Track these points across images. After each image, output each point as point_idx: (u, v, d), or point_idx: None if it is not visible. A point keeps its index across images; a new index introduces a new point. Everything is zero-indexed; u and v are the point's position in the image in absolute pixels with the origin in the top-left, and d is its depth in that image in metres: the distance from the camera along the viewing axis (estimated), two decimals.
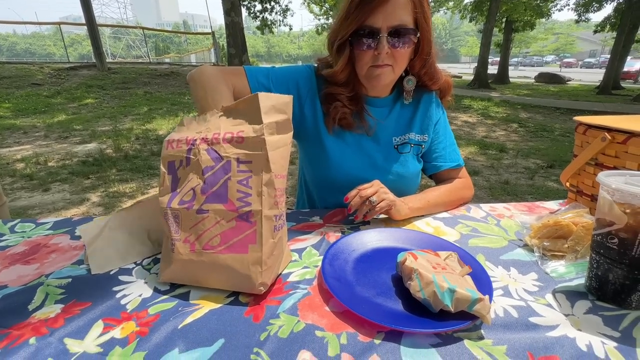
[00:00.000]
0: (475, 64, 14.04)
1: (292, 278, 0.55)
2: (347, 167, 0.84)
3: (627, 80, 16.77)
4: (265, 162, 0.48)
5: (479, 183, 3.35)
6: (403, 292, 0.49)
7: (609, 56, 12.07)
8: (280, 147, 0.50)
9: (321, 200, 0.94)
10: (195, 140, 0.50)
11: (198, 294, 0.51)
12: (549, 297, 0.50)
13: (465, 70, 25.65)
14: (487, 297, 0.42)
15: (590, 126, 0.69)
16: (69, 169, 3.60)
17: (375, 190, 0.70)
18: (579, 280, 0.53)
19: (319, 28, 15.64)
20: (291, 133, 0.53)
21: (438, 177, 0.92)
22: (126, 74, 9.73)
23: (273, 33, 13.87)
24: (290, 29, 14.15)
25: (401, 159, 0.87)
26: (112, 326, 0.45)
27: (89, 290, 0.52)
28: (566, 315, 0.46)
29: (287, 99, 0.51)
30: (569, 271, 0.55)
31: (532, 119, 6.82)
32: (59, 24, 13.00)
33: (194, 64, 15.02)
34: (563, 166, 3.46)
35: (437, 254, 0.54)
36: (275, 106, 0.50)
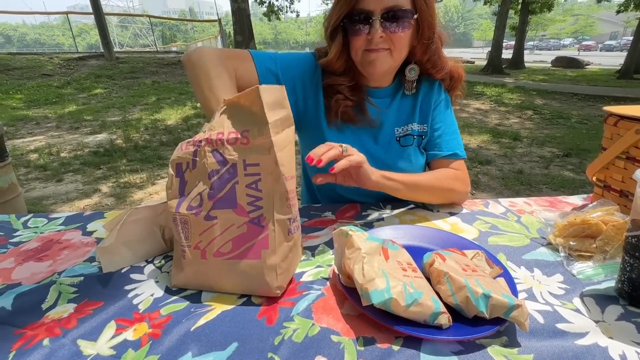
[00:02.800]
0: (489, 49, 13.57)
1: (305, 278, 0.54)
2: None
3: None
4: (274, 165, 0.45)
5: (491, 172, 3.27)
6: None
7: (631, 38, 11.51)
8: (287, 146, 0.47)
9: (321, 194, 0.92)
10: (201, 141, 0.48)
11: (210, 294, 0.50)
12: (577, 302, 0.47)
13: (478, 55, 24.88)
14: (523, 302, 0.40)
15: (622, 117, 0.64)
16: (81, 159, 3.66)
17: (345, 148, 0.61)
18: (609, 283, 0.50)
19: (327, 13, 15.27)
20: (293, 127, 0.50)
21: (431, 167, 0.86)
22: (134, 63, 9.73)
23: (280, 19, 13.63)
24: (297, 15, 13.89)
25: (402, 152, 0.82)
26: (125, 327, 0.44)
27: (101, 289, 0.52)
28: (596, 322, 0.43)
29: (284, 91, 0.48)
30: (597, 273, 0.52)
31: (548, 105, 6.60)
32: (67, 13, 13.03)
33: None
34: (580, 155, 3.34)
35: (463, 253, 0.52)
36: (277, 101, 0.46)
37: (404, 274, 0.44)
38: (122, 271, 0.56)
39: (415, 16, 0.69)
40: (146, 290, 0.51)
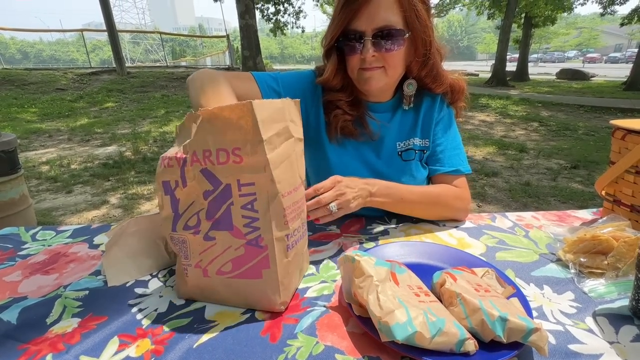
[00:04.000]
0: (493, 61, 13.65)
1: (309, 293, 0.53)
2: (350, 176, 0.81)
3: None
4: (270, 183, 0.43)
5: (498, 184, 3.24)
6: None
7: (636, 50, 11.49)
8: (284, 161, 0.45)
9: None
10: (185, 158, 0.44)
11: (214, 309, 0.50)
12: (590, 321, 0.45)
13: (482, 67, 25.06)
14: (541, 325, 0.38)
15: (630, 131, 0.64)
16: (91, 171, 3.72)
17: (335, 195, 0.61)
18: (622, 302, 0.49)
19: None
20: (292, 139, 0.47)
21: (433, 183, 0.85)
22: (144, 77, 9.99)
23: (286, 35, 13.94)
24: (303, 30, 14.20)
25: (405, 166, 0.82)
26: (128, 343, 0.44)
27: (105, 304, 0.52)
28: (610, 343, 0.42)
29: (279, 104, 0.46)
30: (610, 291, 0.51)
31: (553, 117, 6.56)
32: (82, 30, 13.49)
33: (210, 66, 15.29)
34: (588, 167, 3.30)
35: (473, 271, 0.50)
36: (272, 115, 0.43)
37: (418, 300, 0.43)
38: (127, 285, 0.56)
39: (407, 35, 0.70)
40: (150, 305, 0.51)
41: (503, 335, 0.38)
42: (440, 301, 0.46)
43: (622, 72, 16.32)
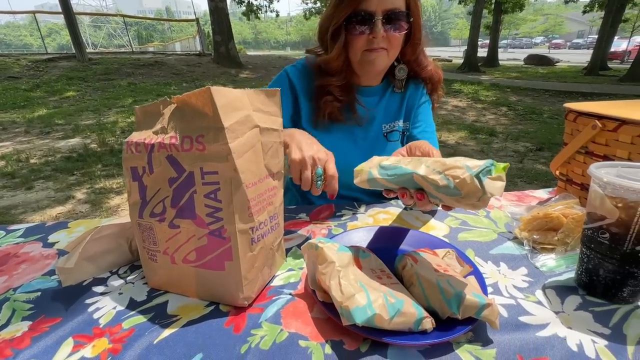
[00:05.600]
0: (466, 47, 13.93)
1: (276, 282, 0.53)
2: (338, 161, 0.82)
3: (614, 61, 16.89)
4: (234, 173, 0.42)
5: None
6: None
7: (596, 36, 12.09)
8: (248, 151, 0.43)
9: (300, 193, 0.93)
10: (153, 145, 0.44)
11: (176, 303, 0.49)
12: (539, 294, 0.48)
13: (455, 53, 25.48)
14: (493, 300, 0.40)
15: (580, 113, 0.67)
16: (52, 165, 3.49)
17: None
18: (569, 274, 0.52)
19: (307, 12, 15.27)
20: (257, 129, 0.45)
21: None
22: (108, 64, 9.40)
23: (259, 19, 13.49)
24: (277, 14, 13.80)
25: (389, 147, 0.86)
26: (83, 344, 0.42)
27: (59, 305, 0.49)
28: (556, 313, 0.45)
29: (238, 93, 0.44)
30: (559, 265, 0.54)
31: (521, 101, 6.84)
32: (34, 12, 12.42)
33: (179, 52, 14.55)
34: (552, 149, 3.47)
35: (434, 252, 0.52)
36: (232, 103, 0.42)
37: (380, 283, 0.44)
38: (84, 284, 0.54)
39: (412, 18, 0.73)
40: (108, 304, 0.49)
41: (458, 312, 0.40)
42: (402, 282, 0.47)
43: (584, 57, 17.16)
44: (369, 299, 0.39)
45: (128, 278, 0.55)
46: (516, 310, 0.45)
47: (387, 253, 0.55)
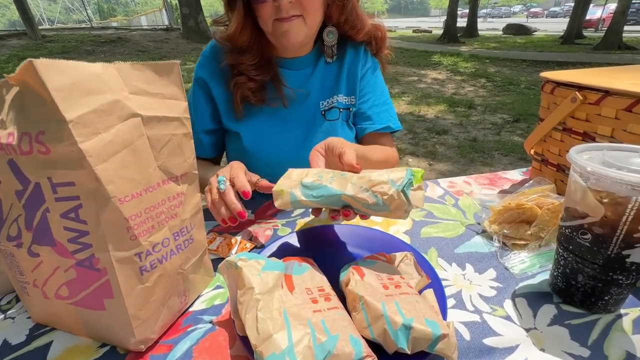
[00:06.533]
0: (445, 17, 13.64)
1: (196, 306, 0.43)
2: (267, 151, 0.71)
3: (589, 29, 17.03)
4: (95, 183, 0.30)
5: (448, 142, 3.32)
6: None
7: (572, 4, 12.06)
8: (120, 152, 0.32)
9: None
10: None
11: (63, 345, 0.38)
12: (508, 305, 0.41)
13: (435, 24, 24.99)
14: (452, 328, 0.32)
15: (558, 84, 0.58)
16: None
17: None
18: (543, 275, 0.45)
19: None
20: (137, 119, 0.33)
21: (363, 143, 0.77)
22: (65, 42, 8.65)
23: None
24: None
25: (328, 127, 0.72)
26: None
27: None
28: (527, 330, 0.37)
29: (100, 69, 0.31)
30: (532, 264, 0.47)
31: (499, 72, 6.79)
32: None
33: (145, 27, 13.52)
34: (528, 120, 3.45)
35: (390, 258, 0.43)
36: (79, 84, 0.29)
37: (314, 309, 0.34)
38: None
39: None
40: None
41: (407, 346, 0.32)
42: (345, 304, 0.38)
43: (560, 26, 17.21)
44: (291, 341, 0.30)
45: (9, 311, 0.44)
46: (481, 329, 0.38)
47: (334, 260, 0.46)
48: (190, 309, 0.43)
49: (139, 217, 0.33)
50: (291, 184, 0.44)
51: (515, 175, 0.76)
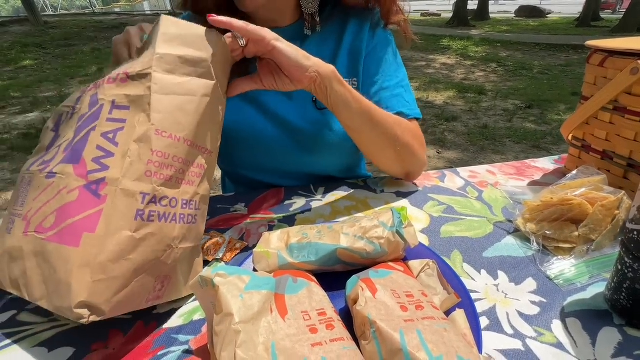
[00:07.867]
0: (455, 0, 13.13)
1: (172, 322, 0.36)
2: (249, 138, 0.60)
3: (606, 11, 16.31)
4: (145, 107, 0.32)
5: (457, 129, 3.19)
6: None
7: None
8: (180, 95, 0.34)
9: (229, 176, 0.74)
10: (93, 84, 0.37)
11: None
12: (558, 328, 0.33)
13: (444, 7, 24.15)
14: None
15: (612, 52, 0.48)
16: (8, 143, 3.18)
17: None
18: (596, 288, 0.36)
19: None
20: (210, 83, 0.36)
21: None
22: (67, 28, 8.55)
23: None
24: None
25: (321, 117, 0.59)
26: None
27: None
28: None
29: (201, 31, 0.37)
30: (581, 273, 0.38)
31: (511, 57, 6.53)
32: None
33: (148, 12, 13.28)
34: (541, 106, 3.30)
35: (407, 267, 0.35)
36: (183, 36, 0.36)
37: (312, 342, 0.26)
38: None
39: None
40: None
41: None
42: (352, 329, 0.30)
43: (576, 8, 16.49)
44: None
45: None
46: None
47: (340, 272, 0.38)
48: (164, 326, 0.35)
49: (163, 159, 0.33)
50: (277, 244, 0.40)
51: (546, 163, 0.67)
